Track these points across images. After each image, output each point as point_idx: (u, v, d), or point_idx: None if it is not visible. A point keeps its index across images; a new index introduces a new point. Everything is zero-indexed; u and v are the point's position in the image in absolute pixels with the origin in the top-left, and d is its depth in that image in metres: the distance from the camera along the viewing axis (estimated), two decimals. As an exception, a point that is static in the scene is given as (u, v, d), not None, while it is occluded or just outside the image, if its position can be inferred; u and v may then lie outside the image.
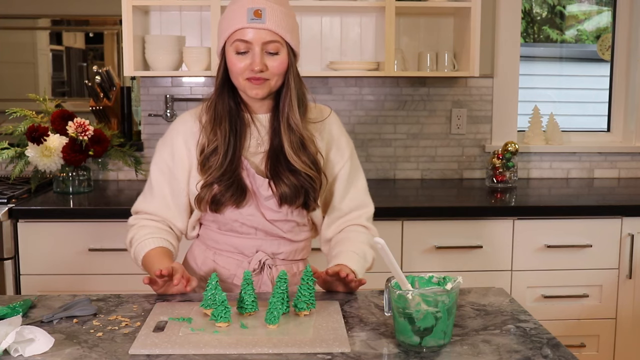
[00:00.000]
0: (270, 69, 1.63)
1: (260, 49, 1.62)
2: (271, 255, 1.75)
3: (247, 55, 1.63)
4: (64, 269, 2.64)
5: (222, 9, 2.86)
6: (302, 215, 1.75)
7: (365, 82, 3.26)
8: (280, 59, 1.64)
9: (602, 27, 3.82)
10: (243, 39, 1.61)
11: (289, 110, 1.67)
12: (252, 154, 1.72)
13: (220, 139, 1.67)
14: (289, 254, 1.78)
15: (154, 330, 1.37)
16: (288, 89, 1.67)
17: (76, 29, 3.45)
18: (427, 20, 3.23)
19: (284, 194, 1.67)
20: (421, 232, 2.70)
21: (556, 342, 1.34)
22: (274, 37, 1.62)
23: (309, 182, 1.68)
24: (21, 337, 1.27)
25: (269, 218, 1.71)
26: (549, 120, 3.42)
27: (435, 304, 1.26)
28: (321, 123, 1.77)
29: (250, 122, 1.72)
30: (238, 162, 1.68)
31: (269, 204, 1.70)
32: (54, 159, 2.82)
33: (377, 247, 1.31)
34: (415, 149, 3.33)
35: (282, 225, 1.74)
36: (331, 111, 1.81)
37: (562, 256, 2.74)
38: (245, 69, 1.63)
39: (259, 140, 1.73)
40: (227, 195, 1.66)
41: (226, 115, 1.68)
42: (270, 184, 1.68)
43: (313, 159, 1.70)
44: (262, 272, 1.74)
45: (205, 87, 3.24)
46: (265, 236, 1.74)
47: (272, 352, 1.27)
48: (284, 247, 1.76)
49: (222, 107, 1.69)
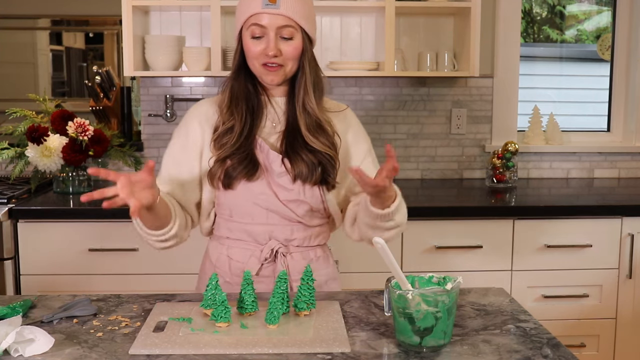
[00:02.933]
0: (284, 54, 1.66)
1: (274, 33, 1.64)
2: (284, 242, 1.73)
3: (262, 40, 1.66)
4: (64, 269, 2.64)
5: (222, 9, 2.86)
6: (316, 198, 1.71)
7: (365, 82, 3.26)
8: (295, 44, 1.66)
9: (602, 27, 3.82)
10: (258, 23, 1.65)
11: (304, 95, 1.69)
12: (267, 133, 1.73)
13: (237, 119, 1.69)
14: (304, 240, 1.75)
15: (154, 330, 1.37)
16: (303, 74, 1.69)
17: (76, 29, 3.45)
18: (427, 20, 3.23)
19: (300, 169, 1.67)
20: (421, 232, 2.70)
21: (556, 342, 1.34)
22: (289, 22, 1.65)
23: (327, 159, 1.68)
24: (21, 337, 1.27)
25: (281, 198, 1.69)
26: (549, 120, 3.42)
27: (435, 304, 1.26)
28: (340, 113, 1.78)
29: (267, 103, 1.74)
30: (252, 140, 1.69)
31: (282, 181, 1.69)
32: (54, 159, 2.82)
33: (377, 247, 1.31)
34: (415, 149, 3.33)
35: (296, 207, 1.70)
36: (348, 107, 1.83)
37: (562, 256, 2.74)
38: (260, 54, 1.66)
39: (275, 121, 1.74)
40: (239, 168, 1.66)
41: (243, 97, 1.71)
42: (284, 161, 1.68)
43: (332, 140, 1.71)
44: (276, 261, 1.72)
45: (205, 87, 3.24)
46: (279, 220, 1.71)
47: (272, 352, 1.27)
48: (297, 232, 1.73)
49: (239, 89, 1.71)
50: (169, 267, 2.65)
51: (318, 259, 1.78)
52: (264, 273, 1.72)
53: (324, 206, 1.74)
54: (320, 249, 1.80)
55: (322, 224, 1.79)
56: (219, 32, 2.86)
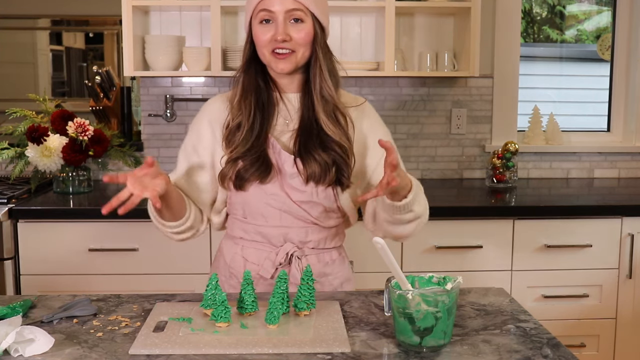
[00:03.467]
0: (295, 40, 1.62)
1: (283, 17, 1.61)
2: (299, 244, 1.70)
3: (271, 26, 1.62)
4: (64, 269, 2.64)
5: (222, 9, 2.86)
6: (329, 199, 1.68)
7: (365, 82, 3.26)
8: (306, 29, 1.63)
9: (602, 27, 3.83)
10: (266, 8, 1.62)
11: (321, 81, 1.65)
12: (279, 132, 1.69)
13: (245, 114, 1.65)
14: (319, 242, 1.72)
15: (154, 330, 1.37)
16: (317, 60, 1.65)
17: (76, 29, 3.45)
18: (427, 20, 3.23)
19: (313, 170, 1.63)
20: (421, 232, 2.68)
21: (556, 342, 1.34)
22: (297, 6, 1.61)
23: (340, 156, 1.64)
24: (21, 337, 1.26)
25: (294, 199, 1.66)
26: (549, 120, 3.42)
27: (435, 304, 1.26)
28: (357, 107, 1.73)
29: (278, 101, 1.70)
30: (264, 139, 1.66)
31: (294, 183, 1.65)
32: (54, 159, 2.82)
33: (377, 247, 1.30)
34: (415, 149, 3.33)
35: (310, 208, 1.67)
36: (366, 100, 1.78)
37: (562, 256, 2.74)
38: (270, 41, 1.62)
39: (288, 119, 1.70)
40: (251, 170, 1.63)
41: (252, 91, 1.67)
42: (296, 162, 1.64)
43: (347, 134, 1.66)
44: (291, 264, 1.69)
45: (205, 87, 3.24)
46: (293, 221, 1.68)
47: (272, 352, 1.27)
48: (312, 234, 1.70)
49: (249, 83, 1.68)
50: (169, 267, 2.65)
51: (334, 262, 1.76)
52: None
53: (337, 205, 1.71)
54: (336, 251, 1.77)
55: (337, 224, 1.75)
56: (219, 32, 2.86)
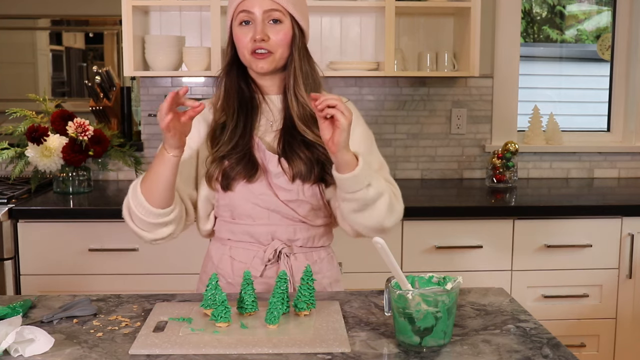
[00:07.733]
0: (273, 40, 1.65)
1: (262, 18, 1.64)
2: (287, 242, 1.71)
3: (250, 27, 1.65)
4: (64, 269, 2.64)
5: (222, 9, 2.86)
6: (316, 196, 1.70)
7: (365, 82, 3.26)
8: (284, 30, 1.66)
9: (602, 27, 3.83)
10: (245, 9, 1.65)
11: (295, 84, 1.68)
12: (264, 132, 1.71)
13: (229, 114, 1.68)
14: (307, 241, 1.73)
15: (154, 331, 1.37)
16: (292, 62, 1.68)
17: (76, 29, 3.45)
18: (427, 20, 3.23)
19: (299, 169, 1.65)
20: (421, 232, 2.70)
21: (556, 342, 1.34)
22: (275, 6, 1.65)
23: (324, 154, 1.65)
24: (21, 337, 1.26)
25: (282, 198, 1.68)
26: (549, 120, 3.42)
27: (435, 304, 1.26)
28: None
29: (261, 102, 1.73)
30: (249, 138, 1.68)
31: (279, 182, 1.67)
32: (54, 159, 2.82)
33: (377, 247, 1.30)
34: (415, 149, 3.33)
35: (297, 207, 1.69)
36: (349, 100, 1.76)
37: (562, 256, 2.74)
38: (249, 42, 1.65)
39: (271, 120, 1.72)
40: (237, 168, 1.65)
41: (234, 92, 1.70)
42: (281, 161, 1.66)
43: None
44: (279, 262, 1.70)
45: (205, 87, 3.24)
46: (280, 220, 1.70)
47: (272, 352, 1.27)
48: (300, 232, 1.71)
49: (231, 85, 1.71)
50: (169, 267, 2.65)
51: (322, 260, 1.77)
52: (268, 274, 1.71)
53: (323, 203, 1.72)
54: (324, 250, 1.79)
55: (326, 223, 1.77)
56: (219, 32, 2.86)
